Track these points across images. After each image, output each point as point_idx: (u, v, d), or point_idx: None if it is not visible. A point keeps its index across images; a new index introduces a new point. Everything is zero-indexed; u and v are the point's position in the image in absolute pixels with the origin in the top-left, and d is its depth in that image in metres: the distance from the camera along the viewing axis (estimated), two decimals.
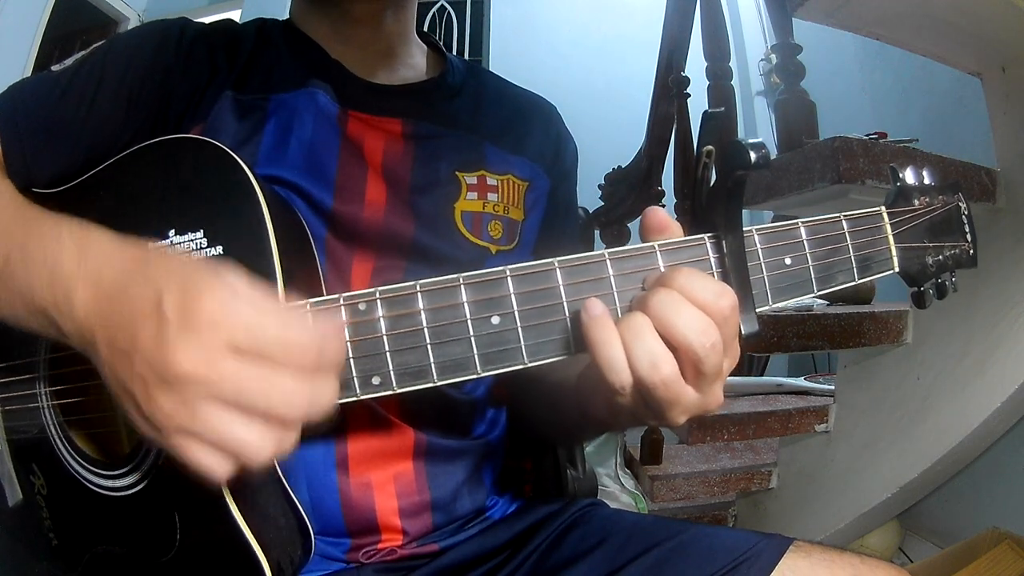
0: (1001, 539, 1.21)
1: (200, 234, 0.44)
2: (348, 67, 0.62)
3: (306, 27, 0.64)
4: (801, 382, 1.67)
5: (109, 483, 0.48)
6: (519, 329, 0.38)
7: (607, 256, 0.39)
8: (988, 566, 1.17)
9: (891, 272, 0.45)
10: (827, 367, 2.27)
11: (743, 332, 0.38)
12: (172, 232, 0.45)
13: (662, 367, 0.36)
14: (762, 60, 3.58)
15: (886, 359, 1.40)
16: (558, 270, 0.39)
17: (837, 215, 0.43)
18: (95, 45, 0.58)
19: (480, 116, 0.65)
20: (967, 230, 0.48)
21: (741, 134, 1.78)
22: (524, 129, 0.67)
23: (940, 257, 0.47)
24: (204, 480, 0.32)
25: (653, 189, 1.76)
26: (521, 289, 0.39)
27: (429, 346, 0.39)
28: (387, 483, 0.55)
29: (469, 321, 0.38)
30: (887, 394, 1.39)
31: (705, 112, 0.40)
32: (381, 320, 0.39)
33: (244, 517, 0.42)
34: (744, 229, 0.40)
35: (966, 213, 0.49)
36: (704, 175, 0.39)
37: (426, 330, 0.38)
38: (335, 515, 0.54)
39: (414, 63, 0.67)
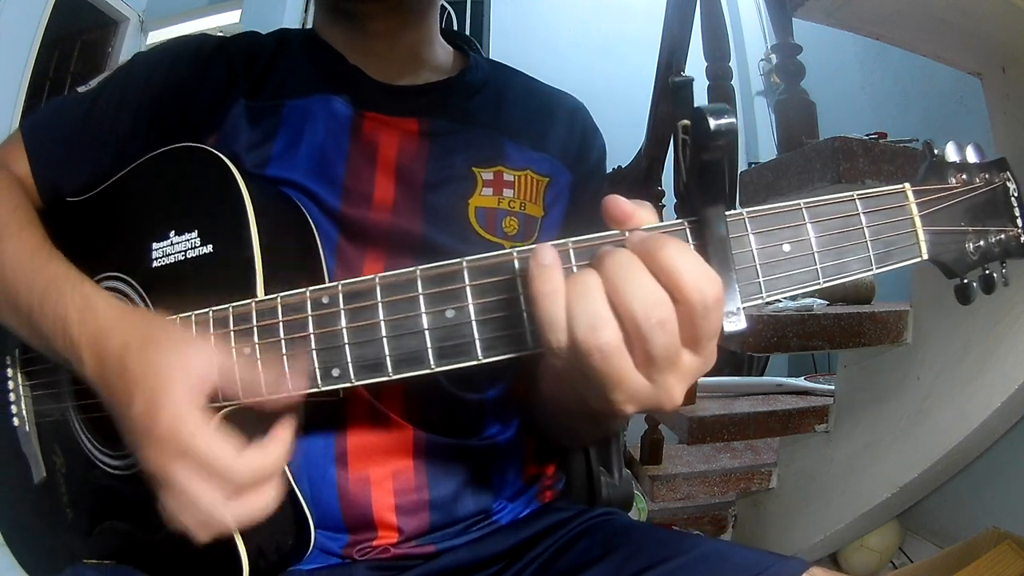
0: (1001, 539, 1.21)
1: (195, 234, 0.47)
2: (366, 72, 0.62)
3: (326, 36, 0.65)
4: (801, 382, 1.68)
5: (115, 462, 0.52)
6: (473, 322, 0.37)
7: (570, 245, 0.36)
8: (988, 566, 1.17)
9: (918, 260, 0.39)
10: (827, 367, 2.27)
11: (724, 330, 0.34)
12: (172, 233, 0.48)
13: (601, 331, 0.32)
14: (762, 60, 3.58)
15: (886, 359, 1.40)
16: (516, 260, 0.37)
17: (850, 194, 0.38)
18: (119, 66, 0.63)
19: (501, 113, 0.64)
20: (1017, 213, 0.41)
21: (741, 134, 1.78)
22: (547, 125, 0.66)
23: (982, 243, 0.40)
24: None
25: (653, 189, 1.76)
26: (477, 281, 0.37)
27: (385, 339, 0.39)
28: (385, 479, 0.55)
29: (424, 314, 0.38)
30: (887, 394, 1.39)
31: (672, 80, 0.36)
32: (342, 313, 0.39)
33: None
34: (732, 212, 0.36)
35: (1015, 193, 0.41)
36: (686, 153, 0.35)
37: (383, 323, 0.39)
38: (333, 509, 0.54)
39: (437, 65, 0.66)
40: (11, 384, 0.61)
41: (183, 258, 0.48)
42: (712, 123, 0.32)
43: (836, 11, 1.17)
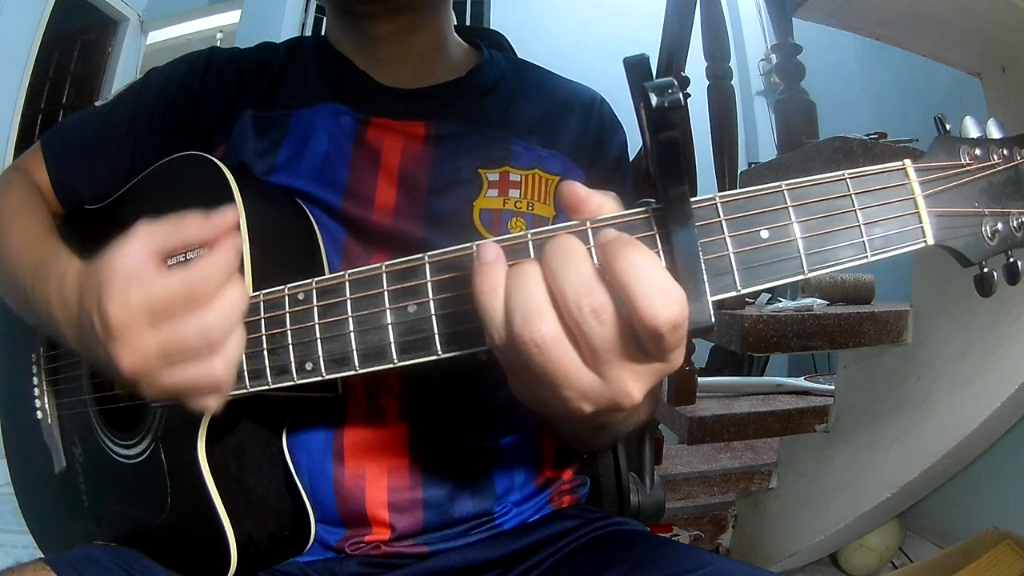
0: (1001, 539, 1.21)
1: None
2: (375, 77, 0.62)
3: (337, 43, 0.65)
4: (801, 382, 1.67)
5: (124, 451, 0.55)
6: (433, 317, 0.37)
7: (529, 238, 0.35)
8: (988, 566, 1.17)
9: (922, 245, 0.34)
10: (827, 367, 2.27)
11: (690, 323, 0.31)
12: None
13: (535, 323, 0.30)
14: (762, 60, 3.58)
15: (886, 359, 1.40)
16: (476, 254, 0.36)
17: (840, 173, 0.34)
18: (133, 80, 0.67)
19: (512, 112, 0.64)
20: None
21: (741, 134, 1.78)
22: (560, 122, 0.65)
23: (1001, 227, 0.35)
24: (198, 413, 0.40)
25: (653, 189, 1.76)
26: (438, 276, 0.37)
27: (352, 334, 0.39)
28: (380, 476, 0.55)
29: (388, 310, 0.38)
30: (887, 394, 1.39)
31: (625, 59, 0.33)
32: (315, 309, 0.40)
33: (219, 489, 0.46)
34: (703, 197, 0.34)
35: None
36: (645, 136, 0.33)
37: (350, 318, 0.39)
38: (329, 503, 0.54)
39: (451, 65, 0.66)
40: (36, 380, 0.65)
41: (184, 259, 0.50)
42: (654, 100, 0.30)
43: (836, 11, 1.17)
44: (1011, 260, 0.36)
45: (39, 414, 0.64)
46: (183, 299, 0.37)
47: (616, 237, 0.31)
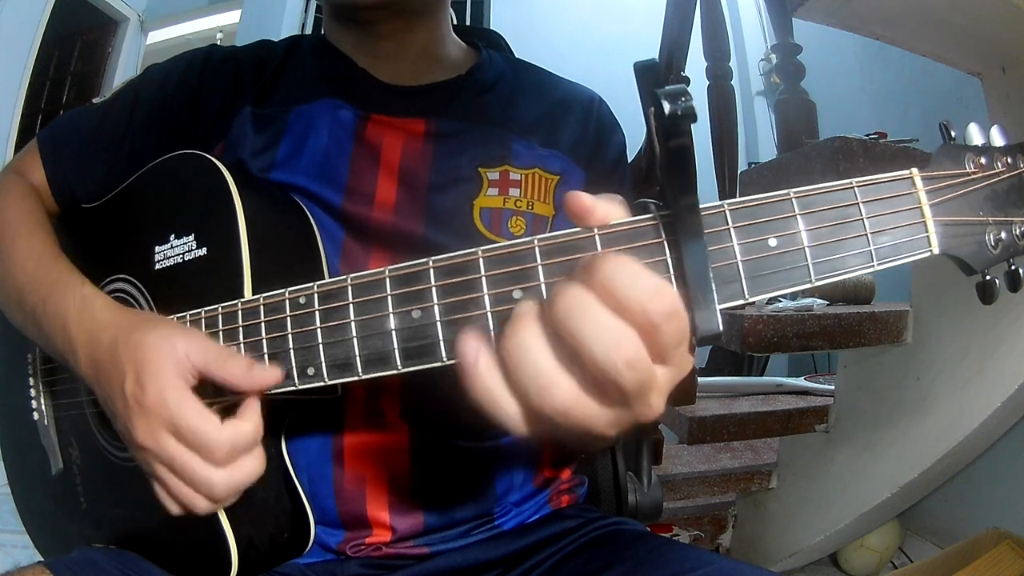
0: (1001, 539, 1.21)
1: (192, 237, 0.50)
2: (375, 74, 0.63)
3: (336, 40, 0.65)
4: (801, 382, 1.67)
5: (122, 453, 0.55)
6: (438, 323, 0.37)
7: (536, 243, 0.34)
8: (988, 566, 1.17)
9: (928, 254, 0.35)
10: (827, 367, 2.27)
11: (698, 331, 0.31)
12: (172, 236, 0.51)
13: (552, 394, 0.29)
14: (762, 60, 3.58)
15: (886, 359, 1.40)
16: (481, 260, 0.36)
17: (848, 181, 0.34)
18: (131, 77, 0.66)
19: (511, 110, 0.64)
20: None
21: (741, 134, 1.78)
22: (560, 121, 0.65)
23: (1004, 235, 0.36)
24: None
25: (653, 189, 1.76)
26: (442, 281, 0.37)
27: (355, 339, 0.39)
28: (380, 478, 0.55)
29: (391, 315, 0.38)
30: (887, 394, 1.39)
31: (635, 64, 0.33)
32: (316, 313, 0.40)
33: None
34: (711, 204, 0.34)
35: None
36: (655, 142, 0.33)
37: (353, 323, 0.39)
38: (329, 505, 0.54)
39: (449, 64, 0.66)
40: (32, 380, 0.65)
41: (181, 260, 0.50)
42: (667, 107, 0.30)
43: (836, 11, 1.17)
44: (1013, 268, 0.37)
45: (35, 415, 0.63)
46: (205, 448, 0.40)
47: (592, 257, 0.29)
